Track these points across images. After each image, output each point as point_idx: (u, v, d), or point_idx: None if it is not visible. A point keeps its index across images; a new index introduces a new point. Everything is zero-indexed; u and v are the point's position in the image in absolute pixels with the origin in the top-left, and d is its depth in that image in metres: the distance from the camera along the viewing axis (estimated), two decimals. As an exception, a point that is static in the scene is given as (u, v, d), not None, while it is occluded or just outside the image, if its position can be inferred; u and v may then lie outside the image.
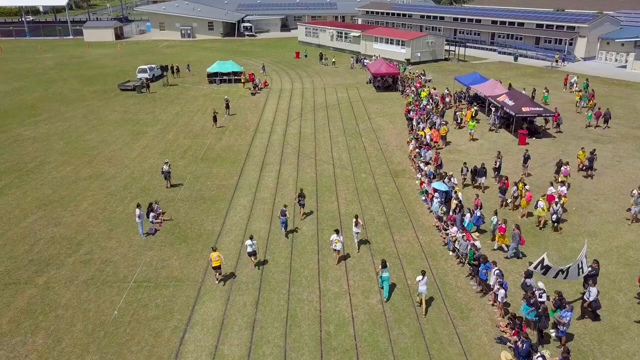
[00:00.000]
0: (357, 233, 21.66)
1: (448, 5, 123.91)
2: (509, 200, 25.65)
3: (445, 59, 68.78)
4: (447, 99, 44.86)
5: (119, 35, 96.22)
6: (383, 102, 47.29)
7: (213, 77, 56.05)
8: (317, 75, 60.24)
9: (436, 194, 24.38)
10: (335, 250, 20.44)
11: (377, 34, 70.48)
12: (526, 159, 29.11)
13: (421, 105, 40.98)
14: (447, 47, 69.34)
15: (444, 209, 23.10)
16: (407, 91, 48.64)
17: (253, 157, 33.33)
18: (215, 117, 39.50)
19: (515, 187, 25.19)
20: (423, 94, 44.66)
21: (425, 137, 32.89)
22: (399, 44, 66.80)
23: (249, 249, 20.19)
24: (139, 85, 52.11)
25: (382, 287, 18.49)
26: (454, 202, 23.51)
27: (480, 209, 22.49)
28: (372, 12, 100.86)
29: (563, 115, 38.81)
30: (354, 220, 21.57)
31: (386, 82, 52.66)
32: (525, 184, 25.28)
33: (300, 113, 44.03)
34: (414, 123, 37.39)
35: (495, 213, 22.58)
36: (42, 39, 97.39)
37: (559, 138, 36.27)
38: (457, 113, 39.43)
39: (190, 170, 31.26)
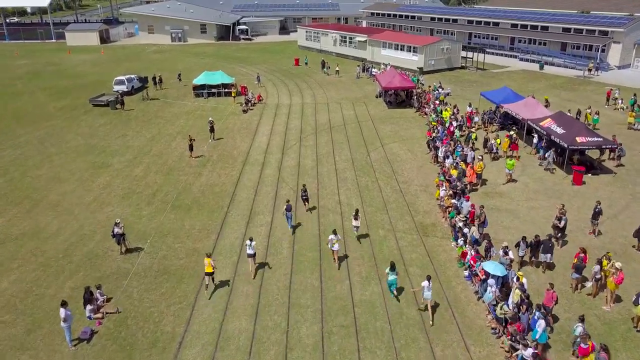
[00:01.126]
0: (357, 227, 21.82)
1: (461, 7, 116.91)
2: (588, 284, 18.53)
3: (462, 67, 61.66)
4: (475, 118, 37.79)
5: (104, 39, 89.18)
6: (397, 122, 40.19)
7: (200, 90, 48.96)
8: (319, 87, 53.14)
9: (490, 280, 17.30)
10: (333, 250, 20.08)
11: (385, 39, 63.38)
12: (597, 213, 22.02)
13: (444, 131, 33.92)
14: (463, 54, 62.21)
15: (506, 308, 15.96)
16: (426, 109, 41.51)
17: (238, 203, 26.22)
18: (192, 146, 32.40)
19: (598, 266, 18.10)
20: (445, 114, 37.55)
21: (460, 179, 25.74)
22: (410, 51, 59.71)
23: (249, 251, 19.44)
24: (112, 100, 45.02)
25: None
26: (516, 294, 16.43)
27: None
28: (377, 14, 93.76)
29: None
30: (354, 215, 21.78)
31: (399, 97, 45.55)
32: (610, 259, 18.25)
33: (300, 137, 36.95)
34: (440, 155, 30.31)
35: (582, 320, 15.43)
36: (22, 43, 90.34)
37: (621, 174, 29.16)
38: (490, 141, 32.30)
39: (157, 222, 24.18)
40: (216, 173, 30.30)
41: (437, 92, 45.81)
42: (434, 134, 32.81)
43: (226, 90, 48.90)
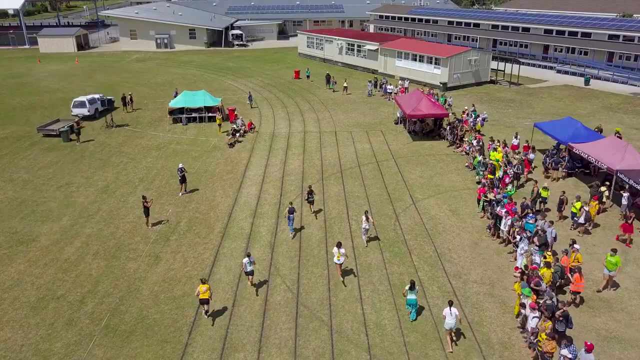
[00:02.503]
0: (366, 229, 21.05)
1: (484, 9, 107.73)
2: None
3: (492, 82, 52.39)
4: (530, 155, 28.50)
5: (82, 45, 79.91)
6: (427, 162, 30.96)
7: (178, 115, 39.71)
8: (324, 108, 43.86)
9: None
10: (337, 264, 18.65)
11: (400, 48, 54.09)
12: None
13: (498, 184, 24.73)
14: (492, 65, 52.92)
15: None
16: (464, 145, 32.25)
17: (203, 328, 16.92)
18: (147, 210, 23.16)
19: None
20: (496, 156, 28.26)
21: (555, 286, 16.47)
22: (431, 62, 50.43)
23: (248, 268, 18.04)
24: (65, 130, 35.80)
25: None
26: None
27: None
28: (386, 17, 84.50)
29: None
30: (364, 216, 21.01)
31: (426, 126, 36.28)
32: None
33: (301, 186, 27.70)
34: (503, 229, 21.09)
35: None
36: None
37: None
38: (564, 204, 22.99)
39: (72, 369, 14.95)
40: (181, 256, 21.00)
41: (474, 119, 36.58)
42: (489, 194, 23.47)
43: (210, 114, 39.65)
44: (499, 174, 26.45)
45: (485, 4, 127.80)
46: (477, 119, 36.78)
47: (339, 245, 18.68)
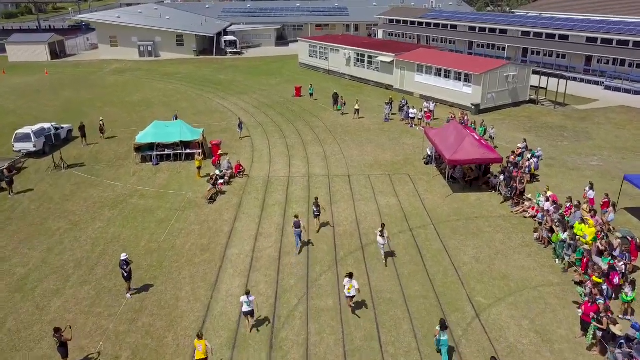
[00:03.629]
0: (383, 245, 19.74)
1: (512, 14, 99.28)
2: None
3: (532, 102, 43.79)
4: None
5: (57, 53, 71.26)
6: (480, 231, 22.35)
7: (147, 152, 31.08)
8: (332, 139, 35.25)
9: None
10: (348, 297, 16.83)
11: (421, 61, 45.46)
12: None
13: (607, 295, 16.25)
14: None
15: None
16: (528, 204, 23.61)
17: None
18: (65, 348, 14.55)
19: None
20: (585, 231, 19.68)
21: None
22: (459, 79, 41.83)
23: (245, 308, 15.89)
24: (-7, 177, 27.24)
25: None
26: None
27: None
28: (397, 22, 75.83)
29: None
30: (380, 230, 19.71)
31: (469, 172, 27.59)
32: None
33: (306, 281, 19.07)
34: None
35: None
36: (-43, 58, 72.42)
37: None
38: None
39: None
40: None
41: (530, 161, 27.96)
42: (604, 321, 14.79)
43: (189, 151, 31.06)
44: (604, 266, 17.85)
45: (500, 6, 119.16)
46: (532, 160, 28.26)
47: (350, 276, 16.90)
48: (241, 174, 28.74)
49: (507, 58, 57.37)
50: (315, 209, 22.41)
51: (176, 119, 36.70)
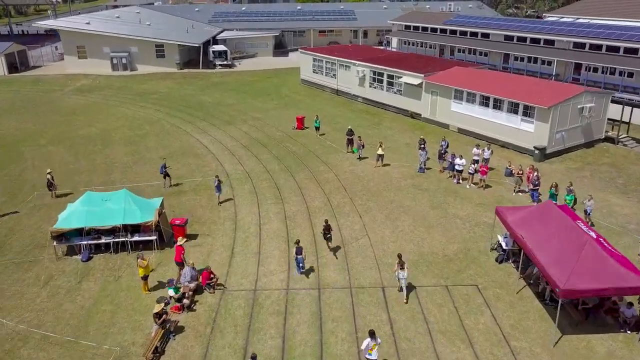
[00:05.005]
0: (404, 279, 17.16)
1: (559, 21, 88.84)
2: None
3: (608, 140, 33.31)
4: None
5: (16, 66, 60.68)
6: None
7: (72, 241, 20.52)
8: (350, 205, 24.70)
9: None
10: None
11: (461, 85, 34.98)
12: None
13: None
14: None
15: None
16: None
17: None
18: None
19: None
20: None
21: None
22: (515, 112, 31.33)
23: None
24: None
25: None
26: None
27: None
28: (414, 28, 65.22)
29: None
30: (398, 261, 17.23)
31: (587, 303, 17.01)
32: None
33: None
34: None
35: None
36: None
37: None
38: None
39: None
40: None
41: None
42: None
43: (138, 237, 20.56)
44: None
45: (518, 8, 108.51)
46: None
47: (372, 334, 13.75)
48: (212, 285, 18.19)
49: (555, 75, 46.93)
50: (325, 232, 20.13)
51: (165, 169, 26.58)
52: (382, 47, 68.67)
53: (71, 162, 31.09)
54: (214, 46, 62.57)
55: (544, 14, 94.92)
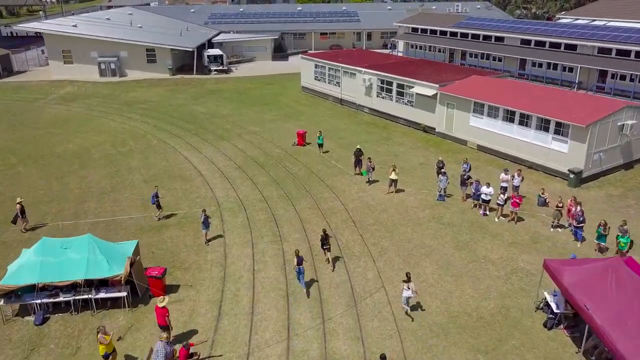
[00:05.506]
0: (409, 298, 16.27)
1: (583, 23, 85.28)
2: None
3: (648, 160, 29.65)
4: None
5: (-1, 71, 56.99)
6: None
7: (24, 299, 16.79)
8: (361, 243, 20.98)
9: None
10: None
11: (481, 97, 31.23)
12: None
13: None
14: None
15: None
16: None
17: None
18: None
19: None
20: None
21: None
22: (546, 129, 27.61)
23: None
24: None
25: None
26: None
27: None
28: (422, 31, 61.47)
29: None
30: (405, 283, 16.20)
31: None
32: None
33: None
34: None
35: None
36: None
37: None
38: None
39: None
40: None
41: None
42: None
43: (104, 295, 16.85)
44: None
45: (526, 8, 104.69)
46: None
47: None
48: (194, 362, 14.48)
49: (577, 83, 43.24)
50: (324, 242, 19.07)
51: (156, 199, 22.91)
52: (388, 51, 64.99)
53: (42, 187, 27.37)
54: (209, 50, 58.83)
55: (555, 15, 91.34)
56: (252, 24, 72.60)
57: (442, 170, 25.67)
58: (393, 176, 25.63)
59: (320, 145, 31.97)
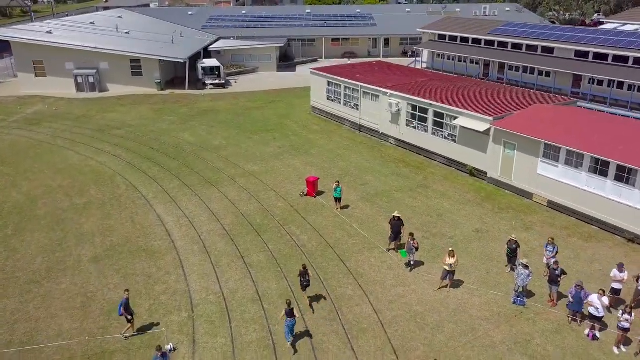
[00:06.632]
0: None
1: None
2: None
3: None
4: None
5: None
6: None
7: None
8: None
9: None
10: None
11: (556, 139, 23.03)
12: None
13: None
14: None
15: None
16: None
17: None
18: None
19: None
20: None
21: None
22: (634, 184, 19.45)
23: None
24: None
25: None
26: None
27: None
28: (450, 39, 53.17)
29: None
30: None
31: None
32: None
33: None
34: None
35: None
36: None
37: None
38: None
39: None
40: None
41: None
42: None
43: None
44: None
45: (555, 10, 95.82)
46: None
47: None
48: None
49: (653, 107, 34.86)
50: (302, 279, 16.64)
51: (126, 311, 15.23)
52: (410, 61, 56.92)
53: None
54: (204, 61, 50.90)
55: (594, 19, 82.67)
56: (255, 29, 64.63)
57: (519, 258, 17.58)
58: (449, 262, 17.58)
59: (338, 200, 23.95)
